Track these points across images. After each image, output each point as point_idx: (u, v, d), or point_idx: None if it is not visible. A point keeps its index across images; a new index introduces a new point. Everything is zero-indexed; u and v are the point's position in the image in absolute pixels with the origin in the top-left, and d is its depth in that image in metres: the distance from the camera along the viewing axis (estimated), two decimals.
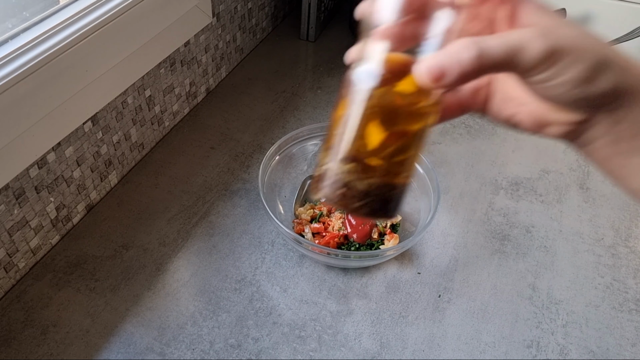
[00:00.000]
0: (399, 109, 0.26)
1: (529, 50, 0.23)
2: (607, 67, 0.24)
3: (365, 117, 0.25)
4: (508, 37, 0.24)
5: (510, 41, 0.23)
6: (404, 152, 0.27)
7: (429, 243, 0.61)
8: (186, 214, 0.63)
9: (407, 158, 0.27)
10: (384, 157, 0.26)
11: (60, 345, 0.49)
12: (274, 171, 0.63)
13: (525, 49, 0.23)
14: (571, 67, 0.24)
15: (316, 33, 0.95)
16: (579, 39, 0.24)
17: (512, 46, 0.23)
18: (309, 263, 0.58)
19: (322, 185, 0.26)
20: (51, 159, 0.54)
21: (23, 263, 0.54)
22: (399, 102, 0.25)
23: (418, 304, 0.55)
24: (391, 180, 0.27)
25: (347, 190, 0.26)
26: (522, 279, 0.58)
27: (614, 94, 0.25)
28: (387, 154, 0.26)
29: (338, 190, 0.26)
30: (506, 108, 0.30)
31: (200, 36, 0.74)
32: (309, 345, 0.51)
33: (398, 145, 0.26)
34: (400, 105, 0.26)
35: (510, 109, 0.29)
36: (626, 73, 0.25)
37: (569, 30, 0.24)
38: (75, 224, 0.60)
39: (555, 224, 0.65)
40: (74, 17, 0.51)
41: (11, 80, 0.45)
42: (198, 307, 0.53)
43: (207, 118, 0.77)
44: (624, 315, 0.56)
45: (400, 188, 0.27)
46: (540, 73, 0.24)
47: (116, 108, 0.61)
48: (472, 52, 0.23)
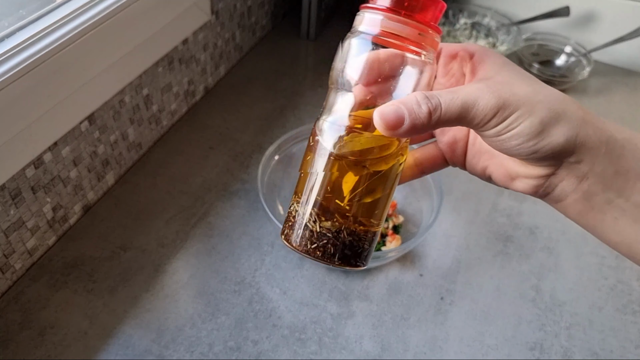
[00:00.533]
0: (362, 155, 0.26)
1: (480, 106, 0.24)
2: (558, 121, 0.24)
3: (331, 165, 0.27)
4: (460, 92, 0.25)
5: (461, 97, 0.24)
6: (371, 194, 0.27)
7: (432, 244, 0.61)
8: (185, 214, 0.62)
9: (374, 201, 0.27)
10: (351, 201, 0.27)
11: (58, 347, 0.49)
12: (274, 171, 0.62)
13: (475, 105, 0.24)
14: (521, 121, 0.24)
15: (316, 31, 0.94)
16: (531, 93, 0.24)
17: (463, 102, 0.24)
18: (309, 265, 0.58)
19: (289, 233, 0.28)
20: (48, 159, 0.53)
21: (20, 264, 0.54)
22: (362, 149, 0.26)
23: (420, 306, 0.55)
24: (359, 226, 0.27)
25: (310, 235, 0.27)
26: (525, 280, 0.58)
27: (569, 148, 0.25)
28: (354, 197, 0.27)
29: (303, 237, 0.27)
30: (479, 161, 0.30)
31: (198, 34, 0.73)
32: (309, 348, 0.50)
33: (365, 189, 0.27)
34: (363, 152, 0.26)
35: (482, 162, 0.30)
36: (585, 126, 0.25)
37: (522, 85, 0.25)
38: (72, 225, 0.60)
39: (558, 225, 0.64)
40: (70, 15, 0.50)
41: (7, 79, 0.44)
42: (197, 309, 0.53)
43: (205, 117, 0.76)
44: (628, 317, 0.55)
45: (368, 236, 0.27)
46: (492, 127, 0.25)
47: (113, 107, 0.61)
48: (424, 108, 0.24)
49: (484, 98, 0.24)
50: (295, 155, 0.65)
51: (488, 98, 0.24)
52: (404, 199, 0.64)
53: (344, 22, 1.00)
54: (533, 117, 0.24)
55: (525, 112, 0.24)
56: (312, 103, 0.80)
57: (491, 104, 0.24)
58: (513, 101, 0.24)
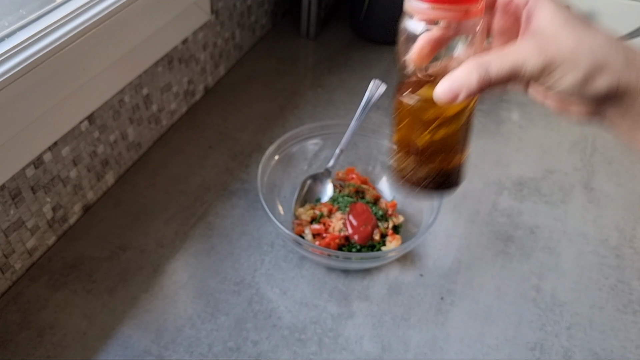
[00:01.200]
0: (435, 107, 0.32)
1: (527, 67, 0.27)
2: (601, 72, 0.26)
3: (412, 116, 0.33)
4: (508, 57, 0.27)
5: (510, 61, 0.27)
6: (450, 130, 0.33)
7: (432, 244, 0.61)
8: (184, 214, 0.62)
9: (453, 135, 0.33)
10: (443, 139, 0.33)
11: (57, 347, 0.49)
12: (274, 171, 0.62)
13: (523, 66, 0.27)
14: (566, 75, 0.27)
15: (316, 30, 0.94)
16: (576, 46, 0.27)
17: (511, 65, 0.27)
18: (309, 265, 0.58)
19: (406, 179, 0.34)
20: (47, 159, 0.53)
21: (19, 264, 0.54)
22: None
23: (420, 306, 0.55)
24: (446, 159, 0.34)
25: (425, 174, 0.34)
26: (525, 280, 0.58)
27: (611, 93, 0.27)
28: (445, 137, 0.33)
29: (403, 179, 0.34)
30: (538, 91, 0.33)
31: (198, 34, 0.73)
32: (309, 349, 0.50)
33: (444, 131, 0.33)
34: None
35: (541, 92, 0.33)
36: (627, 71, 0.27)
37: (569, 37, 0.27)
38: (72, 225, 0.60)
39: (559, 225, 0.64)
40: (70, 15, 0.50)
41: (7, 79, 0.44)
42: (196, 310, 0.53)
43: (205, 117, 0.76)
44: (629, 317, 0.55)
45: (463, 162, 0.35)
46: (540, 82, 0.28)
47: (113, 107, 0.60)
48: (475, 76, 0.27)
49: (531, 59, 0.26)
50: (295, 154, 0.65)
51: (536, 59, 0.26)
52: (404, 199, 0.64)
53: (344, 21, 1.00)
54: (576, 72, 0.26)
55: (570, 67, 0.26)
56: (312, 102, 0.80)
57: (538, 64, 0.26)
58: (558, 58, 0.26)
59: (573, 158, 0.74)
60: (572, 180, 0.71)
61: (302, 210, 0.61)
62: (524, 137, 0.77)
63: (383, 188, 0.66)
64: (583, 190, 0.69)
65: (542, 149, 0.75)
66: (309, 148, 0.66)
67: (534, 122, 0.80)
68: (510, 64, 0.27)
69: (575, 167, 0.73)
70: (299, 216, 0.61)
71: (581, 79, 0.26)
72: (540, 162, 0.73)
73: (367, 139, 0.66)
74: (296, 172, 0.65)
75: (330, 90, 0.83)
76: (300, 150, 0.65)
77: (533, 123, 0.80)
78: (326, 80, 0.85)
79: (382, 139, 0.65)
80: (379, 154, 0.66)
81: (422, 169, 0.34)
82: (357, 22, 0.94)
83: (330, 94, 0.82)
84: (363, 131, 0.65)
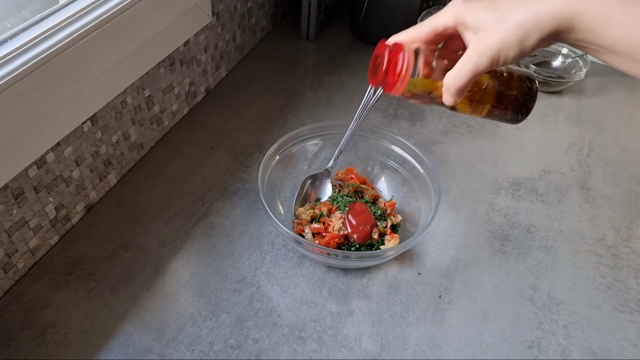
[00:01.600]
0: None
1: (481, 67, 0.36)
2: (526, 37, 0.34)
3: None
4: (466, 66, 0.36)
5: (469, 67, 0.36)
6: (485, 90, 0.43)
7: (430, 243, 0.61)
8: (185, 214, 0.62)
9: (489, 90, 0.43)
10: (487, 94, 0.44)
11: (59, 346, 0.49)
12: (274, 171, 0.62)
13: (479, 67, 0.36)
14: (508, 55, 0.35)
15: (316, 32, 0.95)
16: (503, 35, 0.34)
17: (470, 70, 0.36)
18: (309, 263, 0.58)
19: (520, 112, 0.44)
20: (50, 159, 0.53)
21: (22, 263, 0.54)
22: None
23: (419, 304, 0.55)
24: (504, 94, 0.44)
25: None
26: (523, 279, 0.58)
27: (548, 38, 0.34)
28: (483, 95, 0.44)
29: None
30: None
31: (199, 35, 0.74)
32: (309, 346, 0.51)
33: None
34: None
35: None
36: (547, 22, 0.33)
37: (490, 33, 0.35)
38: (74, 224, 0.60)
39: (556, 224, 0.65)
40: (73, 16, 0.51)
41: (10, 80, 0.45)
42: (197, 308, 0.53)
43: (206, 117, 0.77)
44: (626, 316, 0.55)
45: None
46: (496, 67, 0.36)
47: (115, 108, 0.61)
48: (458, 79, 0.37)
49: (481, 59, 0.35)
50: (295, 155, 0.65)
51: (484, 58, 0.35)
52: (402, 199, 0.64)
53: (344, 23, 1.01)
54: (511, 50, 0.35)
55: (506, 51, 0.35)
56: (312, 103, 0.81)
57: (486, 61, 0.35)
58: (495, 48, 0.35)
59: (569, 158, 0.75)
60: (568, 180, 0.71)
61: (302, 210, 0.61)
62: (521, 137, 0.78)
63: (382, 188, 0.66)
64: (579, 190, 0.70)
65: (539, 150, 0.76)
66: (309, 148, 0.66)
67: (531, 122, 0.81)
68: (470, 70, 0.36)
69: (572, 168, 0.73)
70: (299, 216, 0.61)
71: (516, 53, 0.34)
72: (537, 162, 0.74)
73: (367, 139, 0.67)
74: (296, 172, 0.65)
75: (330, 91, 0.83)
76: (300, 150, 0.65)
77: (530, 124, 0.80)
78: (326, 82, 0.85)
79: (381, 139, 0.66)
80: (378, 154, 0.67)
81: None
82: (357, 24, 0.95)
83: (330, 95, 0.83)
84: (362, 132, 0.66)
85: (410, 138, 0.76)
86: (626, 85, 0.90)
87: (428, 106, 0.82)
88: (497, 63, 0.35)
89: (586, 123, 0.81)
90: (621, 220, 0.66)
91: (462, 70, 0.36)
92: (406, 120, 0.79)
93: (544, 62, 0.90)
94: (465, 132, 0.78)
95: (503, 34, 0.34)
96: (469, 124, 0.79)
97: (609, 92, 0.88)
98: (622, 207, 0.68)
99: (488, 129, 0.79)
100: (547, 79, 0.84)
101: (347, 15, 1.01)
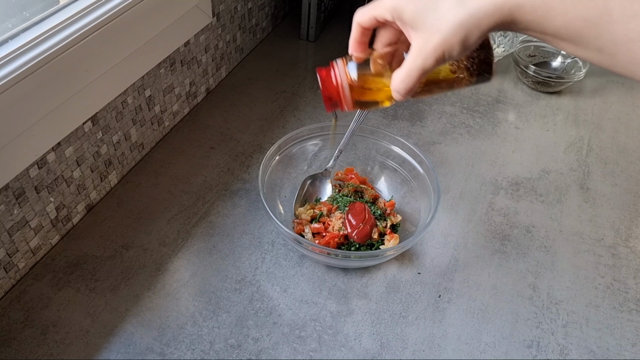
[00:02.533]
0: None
1: (427, 65, 0.35)
2: (468, 37, 0.34)
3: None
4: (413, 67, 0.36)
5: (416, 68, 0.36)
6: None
7: (429, 243, 0.61)
8: (186, 214, 0.63)
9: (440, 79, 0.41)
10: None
11: (60, 345, 0.49)
12: (274, 171, 0.62)
13: (424, 66, 0.35)
14: (452, 52, 0.34)
15: (316, 33, 0.95)
16: (445, 37, 0.34)
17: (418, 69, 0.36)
18: (309, 263, 0.58)
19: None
20: (51, 159, 0.54)
21: (23, 263, 0.54)
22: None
23: (418, 304, 0.55)
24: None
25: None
26: (522, 279, 0.58)
27: (490, 32, 0.34)
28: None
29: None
30: None
31: (200, 36, 0.74)
32: (309, 346, 0.51)
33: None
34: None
35: None
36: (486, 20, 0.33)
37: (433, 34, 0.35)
38: (75, 224, 0.60)
39: (555, 224, 0.65)
40: (74, 17, 0.51)
41: (11, 80, 0.45)
42: (198, 307, 0.53)
43: (207, 118, 0.77)
44: (624, 315, 0.56)
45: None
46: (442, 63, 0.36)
47: (116, 108, 0.61)
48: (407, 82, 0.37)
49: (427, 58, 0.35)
50: (295, 155, 0.65)
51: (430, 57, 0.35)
52: (402, 199, 0.64)
53: (344, 24, 1.01)
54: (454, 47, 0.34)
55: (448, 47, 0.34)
56: (312, 104, 0.81)
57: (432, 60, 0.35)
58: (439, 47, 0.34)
59: (569, 158, 0.75)
60: (568, 180, 0.72)
61: (302, 210, 0.61)
62: (520, 137, 0.78)
63: (381, 188, 0.66)
64: (579, 190, 0.70)
65: (538, 150, 0.76)
66: (309, 149, 0.66)
67: (530, 123, 0.81)
68: (417, 73, 0.36)
69: (571, 168, 0.73)
70: (299, 215, 0.61)
71: (460, 49, 0.34)
72: (536, 162, 0.74)
73: (366, 139, 0.67)
74: (296, 172, 0.66)
75: None
76: (300, 150, 0.66)
77: (529, 124, 0.81)
78: None
79: (380, 139, 0.66)
80: (378, 154, 0.67)
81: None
82: None
83: None
84: (362, 132, 0.66)
85: (410, 138, 0.76)
86: (624, 85, 0.90)
87: (423, 104, 0.82)
88: (443, 62, 0.35)
89: (585, 123, 0.82)
90: (620, 220, 0.66)
91: (410, 73, 0.36)
92: (405, 121, 0.79)
93: (544, 62, 0.90)
94: (464, 132, 0.78)
95: (445, 35, 0.34)
96: (468, 124, 0.79)
97: (607, 93, 0.88)
98: (621, 207, 0.68)
99: (487, 129, 0.79)
100: (547, 79, 0.84)
101: (347, 16, 1.01)
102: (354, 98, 0.40)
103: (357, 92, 0.40)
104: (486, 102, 0.84)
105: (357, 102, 0.41)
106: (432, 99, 0.83)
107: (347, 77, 0.39)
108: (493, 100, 0.85)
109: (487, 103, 0.84)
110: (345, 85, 0.40)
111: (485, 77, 0.40)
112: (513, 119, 0.81)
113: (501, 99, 0.85)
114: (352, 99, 0.40)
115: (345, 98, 0.40)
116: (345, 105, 0.41)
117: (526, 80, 0.87)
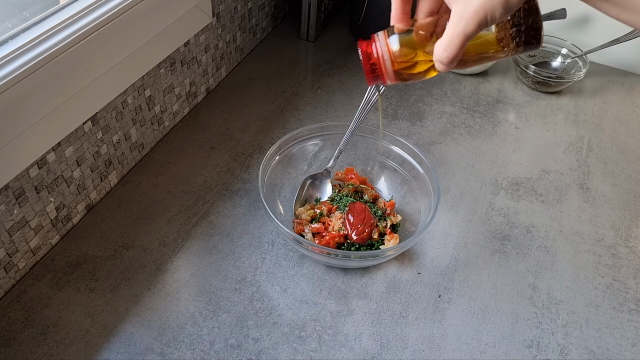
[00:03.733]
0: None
1: (469, 30, 0.34)
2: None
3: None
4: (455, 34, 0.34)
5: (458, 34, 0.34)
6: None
7: (429, 243, 0.61)
8: (186, 214, 0.63)
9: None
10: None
11: (60, 345, 0.49)
12: (274, 171, 0.63)
13: (466, 32, 0.34)
14: (495, 18, 0.33)
15: (316, 33, 0.95)
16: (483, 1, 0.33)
17: (461, 41, 0.34)
18: (309, 263, 0.58)
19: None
20: (51, 159, 0.54)
21: (23, 263, 0.54)
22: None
23: (418, 304, 0.55)
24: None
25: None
26: (522, 279, 0.59)
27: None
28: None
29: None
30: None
31: (200, 36, 0.74)
32: (309, 346, 0.51)
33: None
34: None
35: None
36: None
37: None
38: (75, 224, 0.60)
39: (555, 224, 0.65)
40: (74, 17, 0.51)
41: (11, 80, 0.45)
42: (198, 307, 0.53)
43: (207, 118, 0.77)
44: (624, 316, 0.56)
45: None
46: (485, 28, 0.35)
47: (116, 108, 0.61)
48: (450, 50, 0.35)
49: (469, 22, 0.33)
50: (295, 155, 0.65)
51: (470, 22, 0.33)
52: (402, 198, 0.64)
53: (343, 24, 1.01)
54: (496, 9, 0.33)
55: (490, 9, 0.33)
56: (311, 104, 0.81)
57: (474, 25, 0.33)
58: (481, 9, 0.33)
59: (569, 158, 0.75)
60: (568, 180, 0.72)
61: (302, 210, 0.62)
62: (520, 137, 0.78)
63: (381, 188, 0.66)
64: (579, 190, 0.70)
65: (538, 150, 0.76)
66: (309, 149, 0.67)
67: (530, 122, 0.81)
68: (459, 40, 0.34)
69: (571, 167, 0.73)
70: (299, 215, 0.61)
71: (503, 11, 0.33)
72: (536, 162, 0.74)
73: (366, 139, 0.67)
74: (296, 172, 0.66)
75: (329, 92, 0.84)
76: (300, 150, 0.66)
77: (529, 124, 0.81)
78: (326, 82, 0.86)
79: (380, 139, 0.66)
80: (378, 154, 0.67)
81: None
82: (356, 25, 0.95)
83: (329, 96, 0.83)
84: (362, 132, 0.66)
85: (410, 138, 0.76)
86: (624, 85, 0.90)
87: (423, 104, 0.82)
88: (485, 26, 0.34)
89: (585, 123, 0.82)
90: (620, 220, 0.66)
91: (452, 41, 0.34)
92: (405, 121, 0.79)
93: (544, 62, 0.90)
94: (464, 132, 0.78)
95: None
96: (468, 124, 0.80)
97: (607, 93, 0.88)
98: (621, 207, 0.68)
99: (487, 129, 0.79)
100: (547, 79, 0.84)
101: (346, 16, 1.01)
102: (395, 70, 0.39)
103: (399, 64, 0.39)
104: (486, 102, 0.84)
105: (398, 75, 0.40)
106: (432, 99, 0.84)
107: (388, 49, 0.39)
108: (493, 100, 0.85)
109: (487, 103, 0.84)
110: (386, 57, 0.39)
111: (533, 44, 0.38)
112: (513, 119, 0.81)
113: (501, 99, 0.85)
114: (394, 71, 0.39)
115: (387, 70, 0.39)
116: (387, 77, 0.40)
117: (526, 80, 0.87)
